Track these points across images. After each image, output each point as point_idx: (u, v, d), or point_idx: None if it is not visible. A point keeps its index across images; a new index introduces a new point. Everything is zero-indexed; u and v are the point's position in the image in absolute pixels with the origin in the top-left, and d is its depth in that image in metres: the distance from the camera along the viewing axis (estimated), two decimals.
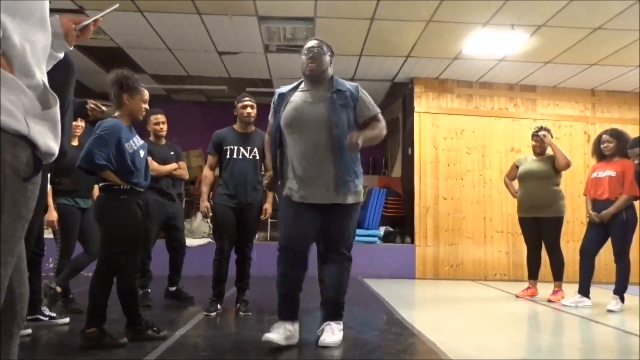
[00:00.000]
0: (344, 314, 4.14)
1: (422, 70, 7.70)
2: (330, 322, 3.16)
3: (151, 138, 4.66)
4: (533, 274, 5.63)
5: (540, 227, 5.45)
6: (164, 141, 4.74)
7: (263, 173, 4.38)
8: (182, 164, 4.82)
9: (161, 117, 4.68)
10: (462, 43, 6.57)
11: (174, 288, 4.79)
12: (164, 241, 4.88)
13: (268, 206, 4.39)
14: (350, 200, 3.15)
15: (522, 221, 5.65)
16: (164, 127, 4.69)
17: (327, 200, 3.11)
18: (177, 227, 4.78)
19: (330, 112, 3.10)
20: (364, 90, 3.31)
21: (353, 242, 3.30)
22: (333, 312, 3.21)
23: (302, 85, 3.31)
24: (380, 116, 3.30)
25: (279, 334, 2.98)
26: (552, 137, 5.59)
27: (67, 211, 4.03)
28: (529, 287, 5.63)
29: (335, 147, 3.07)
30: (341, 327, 3.19)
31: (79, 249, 4.15)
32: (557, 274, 5.41)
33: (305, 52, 3.24)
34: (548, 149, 5.55)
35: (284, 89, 3.36)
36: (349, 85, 3.28)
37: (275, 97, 3.35)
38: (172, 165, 4.68)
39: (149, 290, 4.53)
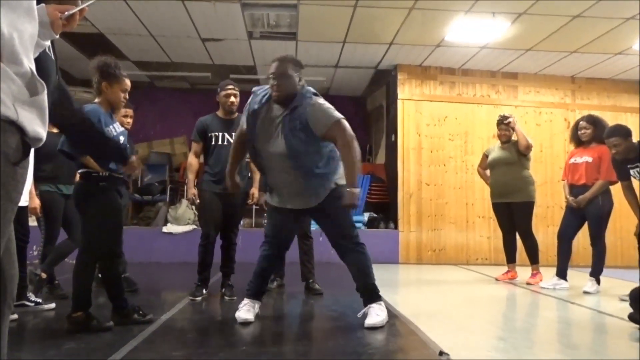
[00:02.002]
0: (329, 297, 4.23)
1: (406, 58, 7.75)
2: (372, 305, 3.24)
3: None
4: (511, 257, 5.78)
5: (511, 212, 5.60)
6: None
7: (248, 160, 4.42)
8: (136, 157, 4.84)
9: (129, 111, 4.60)
10: (444, 30, 6.63)
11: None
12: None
13: (255, 191, 4.44)
14: (321, 198, 3.23)
15: (495, 207, 5.80)
16: (130, 121, 4.61)
17: (302, 206, 3.28)
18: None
19: (285, 144, 3.08)
20: (319, 101, 3.14)
21: (351, 225, 3.37)
22: (369, 296, 3.30)
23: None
24: (342, 124, 3.07)
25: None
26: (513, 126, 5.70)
27: (50, 198, 4.02)
28: (508, 271, 5.77)
29: (296, 169, 3.15)
30: (383, 306, 3.29)
31: (63, 235, 4.17)
32: (533, 258, 5.56)
33: (271, 76, 3.15)
34: (513, 135, 5.67)
35: (257, 99, 3.23)
36: (305, 101, 3.12)
37: (248, 108, 3.26)
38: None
39: (128, 274, 4.52)
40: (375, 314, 3.19)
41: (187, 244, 6.81)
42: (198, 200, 4.32)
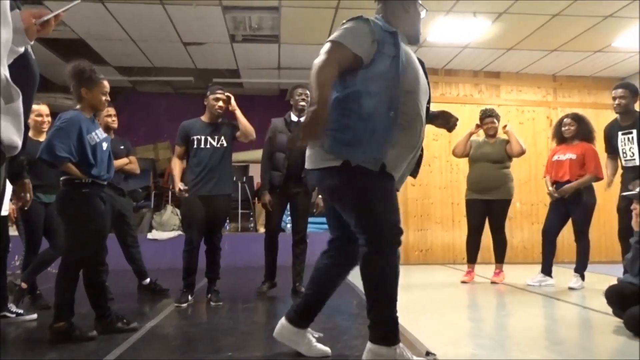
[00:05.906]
0: None
1: None
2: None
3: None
4: (473, 257, 5.64)
5: (487, 209, 5.50)
6: (113, 135, 4.65)
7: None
8: (133, 158, 4.82)
9: (112, 110, 4.57)
10: (426, 31, 6.64)
11: (147, 281, 4.78)
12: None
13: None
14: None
15: (470, 203, 5.64)
16: (116, 119, 4.60)
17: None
18: (127, 222, 4.76)
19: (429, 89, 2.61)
20: None
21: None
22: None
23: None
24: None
25: None
26: (498, 120, 5.64)
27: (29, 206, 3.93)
28: (470, 271, 5.61)
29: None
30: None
31: (45, 245, 4.10)
32: (500, 256, 5.54)
33: None
34: (501, 132, 5.65)
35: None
36: None
37: (376, 28, 2.43)
38: (124, 160, 4.66)
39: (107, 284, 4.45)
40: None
41: (172, 250, 6.74)
42: (186, 194, 4.20)
